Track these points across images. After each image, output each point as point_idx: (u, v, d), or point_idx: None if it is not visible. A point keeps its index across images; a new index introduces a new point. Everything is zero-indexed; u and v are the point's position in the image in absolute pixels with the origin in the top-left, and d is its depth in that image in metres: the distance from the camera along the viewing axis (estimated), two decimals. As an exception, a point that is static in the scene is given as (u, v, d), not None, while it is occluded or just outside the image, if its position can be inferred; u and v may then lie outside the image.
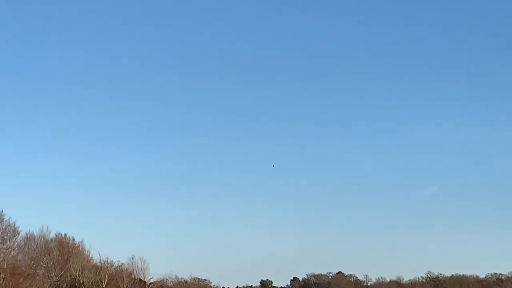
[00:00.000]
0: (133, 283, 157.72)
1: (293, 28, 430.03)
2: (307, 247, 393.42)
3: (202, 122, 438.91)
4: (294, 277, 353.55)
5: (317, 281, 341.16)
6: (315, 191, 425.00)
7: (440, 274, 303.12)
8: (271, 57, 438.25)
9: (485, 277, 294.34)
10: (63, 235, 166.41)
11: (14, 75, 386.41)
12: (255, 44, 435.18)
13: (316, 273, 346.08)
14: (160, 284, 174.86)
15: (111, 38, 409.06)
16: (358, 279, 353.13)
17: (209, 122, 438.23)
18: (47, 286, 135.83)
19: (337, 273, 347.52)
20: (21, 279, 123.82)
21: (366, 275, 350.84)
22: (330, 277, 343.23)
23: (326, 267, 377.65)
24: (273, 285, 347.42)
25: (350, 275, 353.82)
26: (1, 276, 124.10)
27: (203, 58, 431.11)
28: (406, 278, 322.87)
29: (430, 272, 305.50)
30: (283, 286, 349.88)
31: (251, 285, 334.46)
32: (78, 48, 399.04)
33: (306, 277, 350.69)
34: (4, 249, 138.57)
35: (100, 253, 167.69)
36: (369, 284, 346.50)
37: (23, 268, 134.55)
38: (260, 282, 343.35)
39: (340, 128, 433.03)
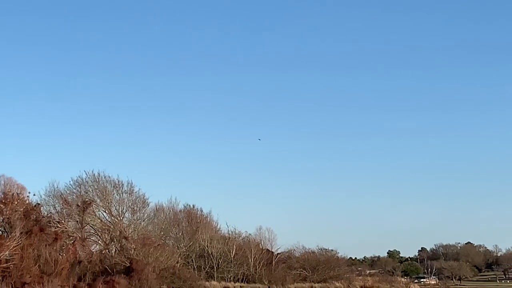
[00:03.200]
0: (261, 253, 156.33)
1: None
2: (436, 217, 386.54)
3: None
4: (422, 248, 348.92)
5: (445, 251, 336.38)
6: (444, 164, 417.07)
7: None
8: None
9: None
10: (191, 206, 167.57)
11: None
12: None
13: (444, 244, 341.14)
14: (287, 254, 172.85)
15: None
16: (487, 250, 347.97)
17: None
18: (177, 256, 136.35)
19: (466, 244, 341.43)
20: (152, 249, 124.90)
21: (496, 246, 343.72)
22: (458, 247, 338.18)
23: (454, 238, 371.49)
24: (401, 255, 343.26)
25: (480, 245, 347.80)
26: (132, 246, 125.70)
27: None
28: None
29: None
30: (410, 257, 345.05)
31: (378, 256, 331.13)
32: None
33: (434, 247, 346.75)
34: (134, 220, 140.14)
35: (227, 224, 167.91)
36: (499, 255, 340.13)
37: (153, 238, 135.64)
38: (388, 253, 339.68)
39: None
